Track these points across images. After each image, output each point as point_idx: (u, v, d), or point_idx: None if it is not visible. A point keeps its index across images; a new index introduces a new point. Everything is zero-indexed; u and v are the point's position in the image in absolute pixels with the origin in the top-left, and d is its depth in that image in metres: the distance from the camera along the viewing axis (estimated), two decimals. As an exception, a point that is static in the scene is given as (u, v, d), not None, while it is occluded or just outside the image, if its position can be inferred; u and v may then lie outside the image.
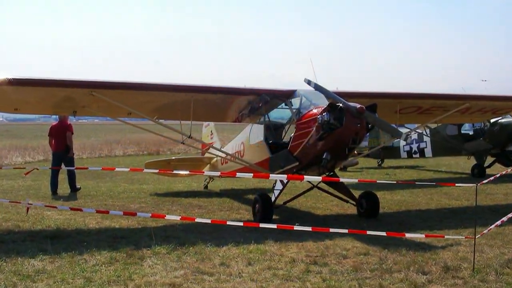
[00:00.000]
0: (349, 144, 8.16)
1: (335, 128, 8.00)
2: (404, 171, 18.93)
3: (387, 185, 13.16)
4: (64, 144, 12.93)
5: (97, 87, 8.81)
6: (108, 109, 9.74)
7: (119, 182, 15.35)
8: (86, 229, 8.30)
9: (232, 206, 10.89)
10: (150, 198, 12.11)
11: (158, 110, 10.03)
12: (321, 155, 8.34)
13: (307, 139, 8.64)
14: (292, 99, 9.64)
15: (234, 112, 10.55)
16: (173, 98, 9.55)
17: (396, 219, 9.27)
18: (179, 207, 10.76)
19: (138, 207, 10.70)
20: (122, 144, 34.45)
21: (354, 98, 9.36)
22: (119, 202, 11.35)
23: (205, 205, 10.94)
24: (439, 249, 6.83)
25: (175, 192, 13.33)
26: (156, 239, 7.27)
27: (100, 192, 13.03)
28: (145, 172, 13.65)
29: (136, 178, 16.48)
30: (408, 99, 10.52)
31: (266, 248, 6.90)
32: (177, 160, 14.11)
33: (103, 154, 29.42)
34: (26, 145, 31.02)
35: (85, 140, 37.43)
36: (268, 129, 10.39)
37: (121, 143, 34.87)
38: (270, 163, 9.78)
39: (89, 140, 39.03)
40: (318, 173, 9.25)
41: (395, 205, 10.84)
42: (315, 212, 10.18)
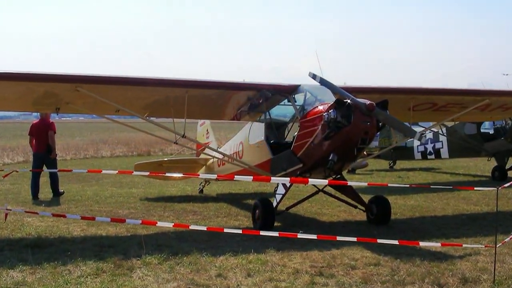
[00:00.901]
0: (357, 144, 8.15)
1: (343, 126, 8.00)
2: (418, 173, 18.93)
3: (399, 189, 13.12)
4: (46, 144, 12.92)
5: (82, 81, 8.81)
6: (94, 106, 9.73)
7: (106, 186, 15.33)
8: (70, 237, 8.29)
9: (229, 212, 10.89)
10: (140, 203, 12.11)
11: (149, 107, 10.02)
12: (327, 156, 8.33)
13: (312, 138, 8.63)
14: (296, 95, 9.63)
15: (232, 109, 10.54)
16: (166, 94, 9.55)
17: (410, 226, 9.26)
18: (172, 213, 10.75)
19: (127, 213, 10.70)
20: (109, 144, 34.45)
21: (364, 93, 9.35)
22: (107, 208, 11.34)
23: (200, 211, 10.94)
24: (457, 259, 6.82)
25: (167, 196, 13.31)
26: (147, 248, 7.26)
27: (86, 196, 13.02)
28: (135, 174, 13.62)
29: (125, 181, 16.46)
30: (423, 94, 10.51)
31: (267, 258, 6.89)
32: (170, 162, 14.10)
33: (88, 155, 29.39)
34: (5, 145, 31.03)
35: (69, 140, 37.42)
36: (269, 128, 10.38)
37: (108, 143, 34.88)
38: (272, 164, 9.78)
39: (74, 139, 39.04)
40: (324, 176, 9.25)
41: (408, 211, 10.84)
42: (321, 219, 10.17)
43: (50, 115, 13.23)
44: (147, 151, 31.32)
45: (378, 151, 17.46)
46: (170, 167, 13.53)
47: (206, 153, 12.41)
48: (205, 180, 13.79)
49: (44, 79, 8.61)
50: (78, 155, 28.93)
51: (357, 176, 18.22)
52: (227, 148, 12.07)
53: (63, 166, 21.31)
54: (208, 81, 9.59)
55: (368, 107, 7.81)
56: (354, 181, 14.00)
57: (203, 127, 14.69)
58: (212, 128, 14.52)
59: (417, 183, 15.92)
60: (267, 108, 10.21)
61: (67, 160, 26.87)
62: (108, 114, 10.30)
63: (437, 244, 7.06)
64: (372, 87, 10.29)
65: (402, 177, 17.61)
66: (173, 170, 13.15)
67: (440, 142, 17.76)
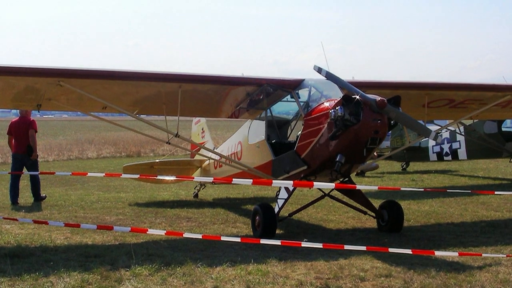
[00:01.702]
0: (367, 144, 8.15)
1: (351, 125, 8.00)
2: (433, 176, 18.93)
3: (413, 193, 13.12)
4: (26, 145, 12.92)
5: (65, 75, 8.81)
6: (78, 102, 9.73)
7: (93, 190, 15.34)
8: (52, 246, 8.28)
9: (227, 218, 10.90)
10: (129, 208, 12.12)
11: (139, 103, 10.03)
12: (334, 158, 8.33)
13: (317, 138, 8.64)
14: (300, 91, 9.64)
15: (229, 106, 10.55)
16: (157, 89, 9.55)
17: (424, 234, 9.27)
18: (164, 219, 10.76)
19: (115, 220, 10.70)
20: (96, 144, 34.49)
21: (374, 89, 9.35)
22: (93, 214, 11.35)
23: (195, 217, 10.94)
24: (475, 270, 6.81)
25: (159, 201, 13.32)
26: (137, 257, 7.26)
27: (70, 201, 13.02)
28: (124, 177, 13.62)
29: (113, 184, 16.46)
30: (438, 90, 10.52)
31: (268, 268, 6.89)
32: (162, 164, 14.11)
33: (73, 156, 29.43)
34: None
35: (52, 140, 37.46)
36: (271, 127, 10.39)
37: (94, 143, 34.93)
38: (273, 166, 9.78)
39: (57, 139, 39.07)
40: (331, 179, 9.25)
41: (422, 217, 10.85)
42: (327, 226, 10.18)
43: (31, 112, 13.23)
44: (137, 151, 31.35)
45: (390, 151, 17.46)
46: (162, 170, 13.54)
47: (202, 154, 12.42)
48: (200, 183, 13.80)
49: (24, 73, 8.61)
50: (62, 156, 28.95)
51: (366, 179, 18.23)
52: (225, 148, 12.08)
53: (45, 168, 21.31)
54: (203, 75, 9.59)
55: (378, 103, 7.81)
56: (363, 185, 13.98)
57: (198, 125, 14.70)
58: (208, 127, 14.53)
59: (432, 187, 15.93)
60: (268, 104, 10.22)
61: (50, 161, 26.89)
62: (94, 111, 10.30)
63: (454, 254, 7.05)
64: (383, 82, 10.29)
65: (416, 180, 17.61)
66: (165, 173, 13.16)
67: (457, 142, 17.76)
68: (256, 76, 9.90)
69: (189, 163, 14.11)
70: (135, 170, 13.42)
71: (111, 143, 34.45)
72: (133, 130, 11.15)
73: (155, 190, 15.27)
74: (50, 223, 8.57)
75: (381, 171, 19.94)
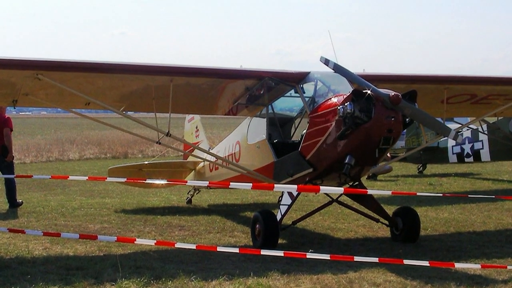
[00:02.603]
0: (380, 144, 8.16)
1: (362, 122, 8.01)
2: (453, 180, 18.94)
3: (430, 198, 13.12)
4: (1, 145, 12.93)
5: (44, 67, 8.80)
6: (59, 98, 9.74)
7: (74, 195, 15.33)
8: (30, 257, 8.27)
9: (224, 226, 10.90)
10: (115, 216, 12.12)
11: (126, 99, 10.03)
12: (343, 159, 8.34)
13: (324, 137, 8.65)
14: (304, 85, 9.65)
15: (226, 102, 10.56)
16: (146, 83, 9.56)
17: (443, 244, 9.27)
18: (154, 228, 10.76)
19: (100, 228, 10.70)
20: (78, 144, 34.47)
21: (387, 83, 9.35)
22: (74, 222, 11.34)
23: (189, 226, 10.94)
24: (500, 284, 6.81)
25: (148, 208, 13.32)
26: (123, 270, 7.26)
27: (49, 208, 13.01)
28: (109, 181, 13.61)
29: (97, 189, 16.46)
30: (459, 84, 10.52)
31: (270, 282, 6.88)
32: (151, 166, 14.12)
33: (52, 158, 29.43)
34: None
35: (29, 139, 37.45)
36: (272, 125, 10.39)
37: (76, 143, 34.90)
38: (275, 169, 9.79)
39: (34, 139, 39.05)
40: (339, 183, 9.25)
41: (441, 226, 10.86)
42: (335, 235, 10.19)
43: (6, 109, 13.23)
44: (123, 152, 31.37)
45: (405, 152, 17.47)
46: (152, 172, 13.54)
47: (195, 155, 12.41)
48: (194, 188, 13.81)
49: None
50: (40, 158, 28.94)
51: (379, 183, 18.24)
52: (221, 149, 12.08)
53: (21, 171, 21.28)
54: (197, 67, 9.59)
55: (392, 99, 7.81)
56: (375, 189, 13.98)
57: (191, 123, 14.71)
58: (202, 125, 14.54)
59: (452, 191, 15.92)
60: (269, 100, 10.22)
61: (27, 163, 26.87)
62: (76, 107, 10.31)
63: (476, 266, 7.05)
64: (397, 75, 10.30)
65: (433, 184, 17.63)
66: (155, 176, 13.15)
67: (479, 142, 17.76)
68: (256, 68, 9.91)
69: (182, 165, 14.12)
70: (122, 173, 13.41)
71: (95, 143, 34.46)
72: (120, 128, 11.16)
73: (144, 195, 15.27)
74: (27, 232, 8.55)
75: (395, 174, 19.94)
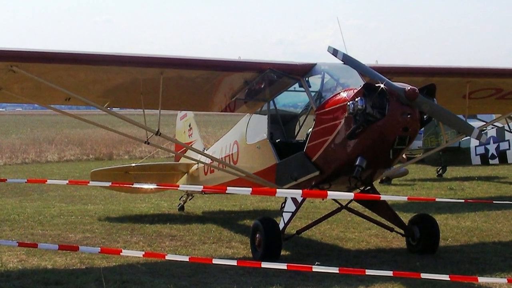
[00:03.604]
0: (394, 144, 8.15)
1: (374, 120, 8.00)
2: (476, 184, 18.92)
3: (451, 205, 13.13)
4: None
5: (20, 59, 8.80)
6: (36, 93, 9.73)
7: (53, 201, 15.32)
8: (3, 270, 8.27)
9: (220, 236, 10.90)
10: (99, 224, 12.11)
11: (111, 93, 10.03)
12: (353, 161, 8.34)
13: (332, 136, 8.64)
14: (310, 78, 9.64)
15: (223, 97, 10.55)
16: (133, 76, 9.55)
17: (465, 256, 9.27)
18: (142, 238, 10.76)
19: (81, 238, 10.70)
20: (57, 144, 34.41)
21: (402, 75, 9.35)
22: (53, 231, 11.34)
23: (181, 235, 10.94)
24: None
25: (135, 215, 13.33)
26: (108, 285, 7.26)
27: (25, 215, 13.01)
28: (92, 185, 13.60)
29: (78, 194, 16.45)
30: (483, 77, 10.52)
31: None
32: (139, 169, 14.13)
33: (29, 159, 29.38)
34: None
35: (2, 139, 37.41)
36: (275, 122, 10.39)
37: (55, 143, 34.83)
38: (277, 172, 9.78)
39: (8, 138, 39.02)
40: (349, 188, 9.25)
41: (463, 235, 10.85)
42: (344, 246, 10.18)
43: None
44: (108, 153, 31.31)
45: (422, 153, 17.43)
46: (140, 176, 13.54)
47: (188, 156, 12.40)
48: (187, 193, 13.80)
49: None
50: (15, 159, 28.90)
51: (393, 187, 18.23)
52: (217, 149, 12.08)
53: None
54: (190, 58, 9.59)
55: (408, 94, 7.81)
56: (389, 195, 13.96)
57: (184, 121, 14.70)
58: (196, 123, 14.53)
59: (475, 197, 15.91)
60: (271, 95, 10.22)
61: (0, 166, 26.86)
62: (55, 103, 10.29)
63: (502, 280, 7.05)
64: (414, 67, 10.29)
65: (454, 189, 17.62)
66: (144, 180, 13.15)
67: (506, 142, 17.76)
68: (257, 59, 9.90)
69: (173, 167, 14.10)
70: (106, 177, 13.40)
71: (76, 143, 34.42)
72: (104, 127, 11.11)
73: (130, 201, 15.27)
74: (0, 242, 8.55)
75: (412, 178, 19.92)
